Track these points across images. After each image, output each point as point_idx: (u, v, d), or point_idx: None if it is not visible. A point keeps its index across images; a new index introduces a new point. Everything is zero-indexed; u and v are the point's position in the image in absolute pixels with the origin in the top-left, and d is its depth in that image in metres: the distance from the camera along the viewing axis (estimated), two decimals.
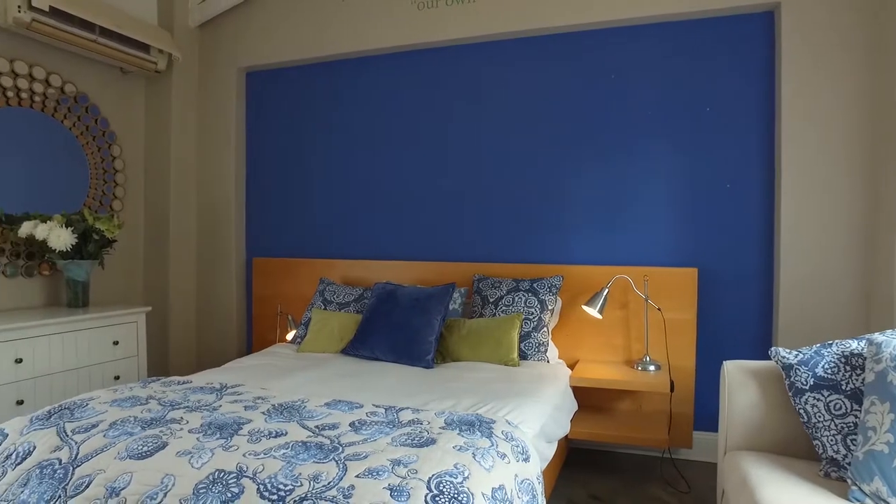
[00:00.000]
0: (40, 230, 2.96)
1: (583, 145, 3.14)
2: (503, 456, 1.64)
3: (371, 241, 3.57)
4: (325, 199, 3.69)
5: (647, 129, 3.03)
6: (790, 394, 1.74)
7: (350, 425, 1.75)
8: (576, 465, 2.89)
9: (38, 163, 3.23)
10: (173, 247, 3.81)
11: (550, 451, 2.19)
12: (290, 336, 3.41)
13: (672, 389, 2.67)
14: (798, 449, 1.79)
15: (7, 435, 1.76)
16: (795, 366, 1.74)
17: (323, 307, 3.21)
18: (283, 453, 1.53)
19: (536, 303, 2.92)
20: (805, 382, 1.71)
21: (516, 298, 2.94)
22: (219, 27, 3.86)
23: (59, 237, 2.97)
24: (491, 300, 2.98)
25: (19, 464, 1.64)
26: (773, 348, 1.82)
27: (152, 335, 3.78)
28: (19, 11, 2.84)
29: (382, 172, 3.55)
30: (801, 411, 1.70)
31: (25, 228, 2.99)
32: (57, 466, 1.59)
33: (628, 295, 2.99)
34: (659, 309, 2.90)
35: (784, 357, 1.78)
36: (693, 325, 2.89)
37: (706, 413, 2.90)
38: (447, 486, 1.40)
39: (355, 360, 2.77)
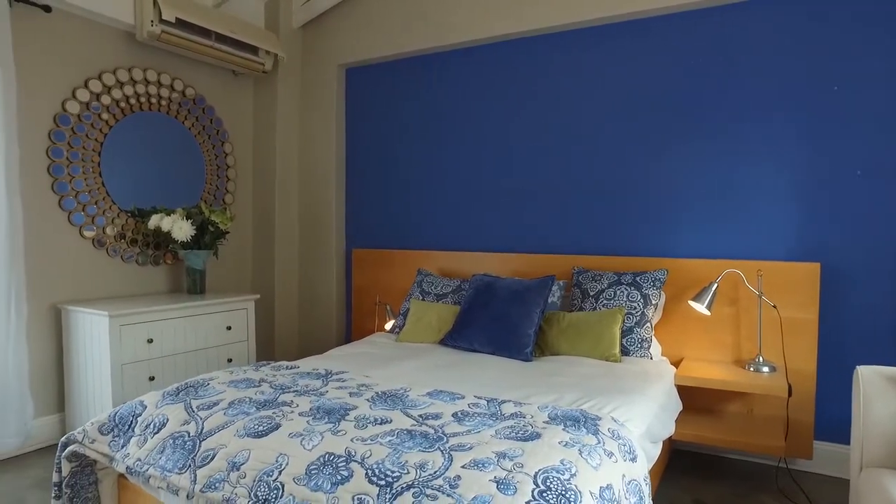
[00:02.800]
0: (165, 222, 3.22)
1: (690, 132, 2.96)
2: (610, 454, 1.59)
3: (468, 232, 3.58)
4: (422, 191, 3.74)
5: (762, 112, 2.80)
6: None
7: (453, 416, 1.76)
8: (679, 468, 2.75)
9: (163, 161, 3.51)
10: (278, 238, 4.02)
11: (655, 451, 2.10)
12: (388, 326, 3.50)
13: (790, 394, 2.47)
14: None
15: (146, 407, 1.93)
16: None
17: (421, 298, 3.27)
18: (389, 440, 1.56)
19: (639, 297, 2.80)
20: None
21: (618, 292, 2.84)
22: (320, 26, 4.01)
23: (181, 229, 3.22)
24: (591, 293, 2.90)
25: (156, 433, 1.79)
26: None
27: (259, 321, 4.02)
28: (152, 25, 3.15)
29: (480, 164, 3.54)
30: None
31: (153, 221, 3.27)
32: (186, 438, 1.72)
33: (739, 291, 2.80)
34: (774, 306, 2.69)
35: None
36: (814, 326, 2.66)
37: (829, 422, 2.66)
38: (554, 483, 1.37)
39: (453, 351, 2.80)
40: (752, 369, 2.64)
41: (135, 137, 3.34)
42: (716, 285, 2.69)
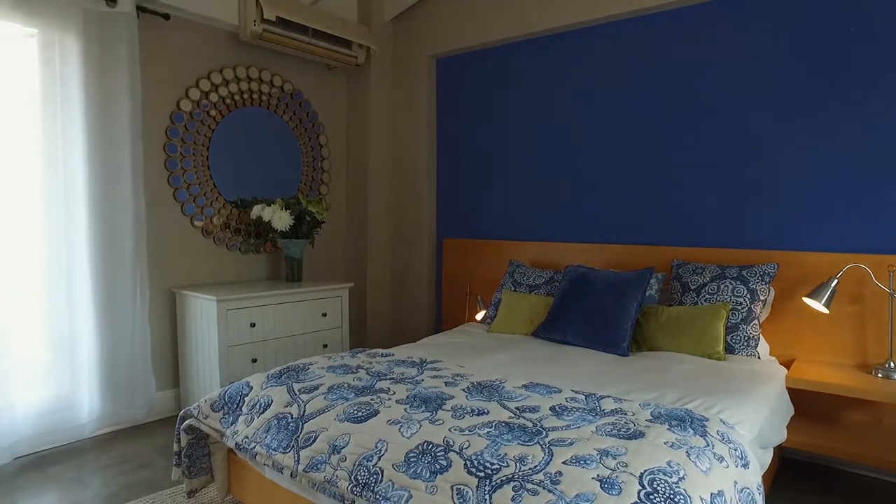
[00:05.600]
0: (266, 212, 3.38)
1: (804, 112, 2.72)
2: (721, 459, 1.49)
3: (560, 223, 3.50)
4: (513, 180, 3.70)
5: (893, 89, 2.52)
6: None
7: (551, 409, 1.72)
8: (790, 478, 2.56)
9: (264, 153, 3.68)
10: (370, 227, 4.11)
11: (767, 458, 1.96)
12: (479, 316, 3.50)
13: None
14: None
15: (252, 387, 2.03)
16: None
17: (513, 289, 3.23)
18: (488, 432, 1.55)
19: (746, 292, 2.62)
20: None
21: (722, 286, 2.67)
22: (410, 18, 4.04)
23: (280, 219, 3.36)
24: (692, 287, 2.75)
25: (262, 413, 1.88)
26: None
27: (352, 309, 4.14)
28: (254, 25, 3.30)
29: (573, 152, 3.44)
30: None
31: (255, 211, 3.44)
32: (290, 420, 1.80)
33: (864, 287, 2.55)
34: None
35: None
36: None
37: None
38: (661, 485, 1.31)
39: (546, 344, 2.75)
40: (880, 375, 2.40)
41: (238, 132, 3.52)
42: (836, 281, 2.46)
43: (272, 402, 1.91)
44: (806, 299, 2.53)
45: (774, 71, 2.79)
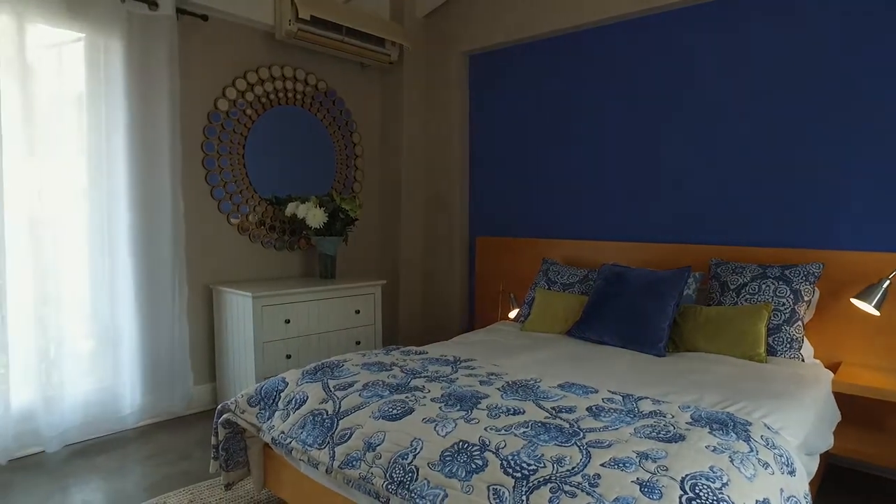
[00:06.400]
0: (300, 210, 3.42)
1: (850, 106, 2.61)
2: (766, 465, 1.45)
3: (594, 221, 3.45)
4: (546, 178, 3.66)
5: None
6: None
7: (587, 410, 1.70)
8: (835, 486, 2.47)
9: (298, 151, 3.72)
10: (403, 225, 4.12)
11: (813, 466, 1.89)
12: (512, 314, 3.48)
13: None
14: None
15: (287, 383, 2.06)
16: None
17: (547, 287, 3.20)
18: (524, 432, 1.54)
19: (789, 292, 2.54)
20: None
21: (763, 286, 2.59)
22: (443, 14, 4.02)
23: (315, 216, 3.40)
24: (732, 287, 2.67)
25: (297, 409, 1.90)
26: None
27: (384, 306, 4.16)
28: (289, 24, 3.34)
29: (606, 149, 3.39)
30: None
31: (289, 209, 3.48)
32: (325, 416, 1.81)
33: None
34: None
35: None
36: None
37: None
38: (704, 491, 1.27)
39: (581, 343, 2.71)
40: None
41: (273, 130, 3.57)
42: (888, 282, 2.37)
43: (308, 398, 1.93)
44: (854, 300, 2.43)
45: (819, 64, 2.69)
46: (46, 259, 2.65)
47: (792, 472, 1.51)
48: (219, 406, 2.13)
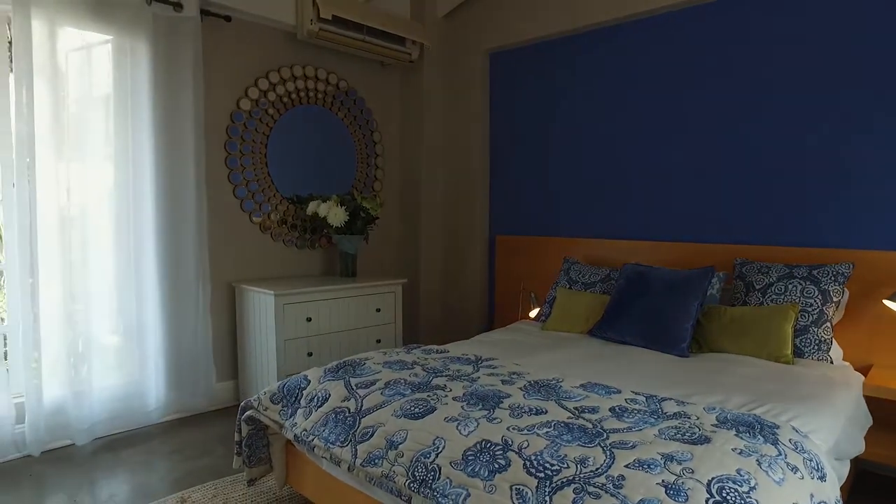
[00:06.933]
0: (322, 209, 3.44)
1: (882, 104, 2.54)
2: (795, 469, 1.42)
3: (615, 219, 3.41)
4: (567, 176, 3.63)
5: None
6: None
7: (610, 410, 1.68)
8: (866, 492, 2.41)
9: (319, 150, 3.75)
10: (423, 224, 4.12)
11: (844, 471, 1.85)
12: (533, 313, 3.46)
13: None
14: None
15: (310, 381, 2.07)
16: None
17: (568, 286, 3.18)
18: (546, 432, 1.53)
19: (817, 293, 2.49)
20: None
21: (790, 286, 2.54)
22: (464, 12, 4.01)
23: (336, 215, 3.41)
24: (757, 287, 2.63)
25: (319, 407, 1.91)
26: None
27: (404, 304, 4.17)
28: (311, 24, 3.36)
29: (628, 147, 3.35)
30: None
31: (311, 207, 3.50)
32: (347, 414, 1.82)
33: None
34: None
35: None
36: None
37: None
38: (731, 494, 1.25)
39: (603, 343, 2.69)
40: None
41: (295, 130, 3.60)
42: None
43: (330, 396, 1.94)
44: (888, 302, 2.38)
45: (850, 60, 2.62)
46: (75, 257, 2.70)
47: (822, 478, 1.48)
48: (242, 403, 2.15)
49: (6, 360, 2.59)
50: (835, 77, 2.67)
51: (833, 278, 2.50)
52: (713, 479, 1.29)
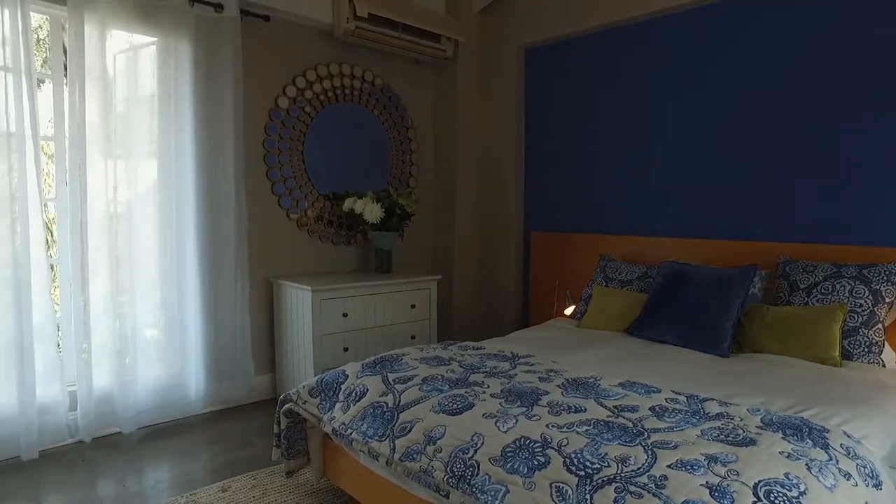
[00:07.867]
0: (358, 205, 3.47)
1: None
2: (847, 475, 1.37)
3: (653, 216, 3.35)
4: (603, 173, 3.58)
5: None
6: None
7: (650, 410, 1.66)
8: None
9: (355, 147, 3.78)
10: (458, 221, 4.12)
11: None
12: (568, 311, 3.43)
13: None
14: None
15: (347, 376, 2.10)
16: None
17: (604, 284, 3.14)
18: (586, 430, 1.51)
19: (867, 293, 2.40)
20: None
21: (837, 286, 2.46)
22: (498, 8, 3.99)
23: (372, 211, 3.44)
24: (802, 286, 2.55)
25: (357, 401, 1.93)
26: None
27: (439, 301, 4.18)
28: (347, 22, 3.39)
29: (665, 143, 3.28)
30: None
31: (347, 204, 3.54)
32: (385, 409, 1.84)
33: None
34: None
35: None
36: None
37: None
38: (779, 498, 1.22)
39: (640, 341, 2.64)
40: None
41: (331, 127, 3.64)
42: None
43: (368, 390, 1.96)
44: None
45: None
46: (121, 251, 2.79)
47: (878, 486, 1.43)
48: (281, 396, 2.19)
49: (59, 348, 2.70)
50: (884, 68, 2.56)
51: (886, 278, 2.41)
52: (760, 482, 1.26)
